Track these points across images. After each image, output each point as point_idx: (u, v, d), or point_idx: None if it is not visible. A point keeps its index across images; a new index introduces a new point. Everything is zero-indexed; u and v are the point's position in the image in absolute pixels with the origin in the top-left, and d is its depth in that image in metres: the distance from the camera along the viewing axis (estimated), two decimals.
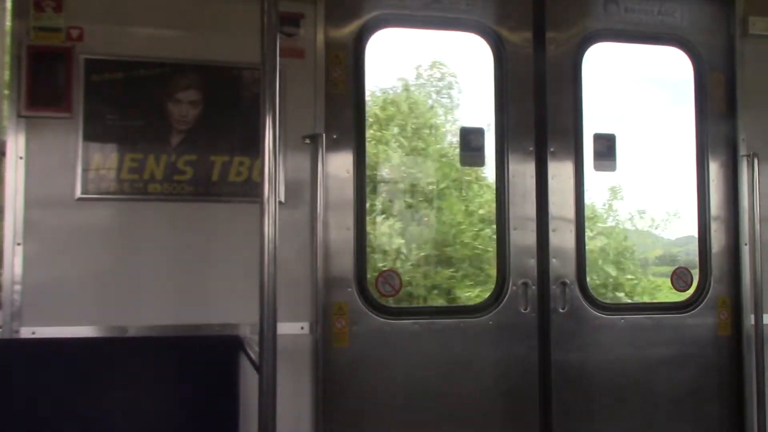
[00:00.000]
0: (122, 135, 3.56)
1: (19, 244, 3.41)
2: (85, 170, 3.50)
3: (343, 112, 3.88)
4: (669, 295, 4.49)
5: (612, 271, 5.25)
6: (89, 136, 3.52)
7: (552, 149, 4.16)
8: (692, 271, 4.37)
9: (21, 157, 3.43)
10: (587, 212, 4.32)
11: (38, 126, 3.47)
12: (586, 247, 4.21)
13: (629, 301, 5.17)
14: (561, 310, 4.10)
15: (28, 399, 3.34)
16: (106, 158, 3.54)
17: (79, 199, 3.50)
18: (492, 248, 4.23)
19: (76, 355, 3.42)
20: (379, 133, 4.87)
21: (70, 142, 3.50)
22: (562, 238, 4.14)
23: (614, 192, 5.12)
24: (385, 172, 4.82)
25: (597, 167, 4.29)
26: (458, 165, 4.58)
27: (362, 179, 3.92)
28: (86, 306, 3.48)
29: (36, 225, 3.44)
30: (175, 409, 3.50)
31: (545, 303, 4.10)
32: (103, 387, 3.43)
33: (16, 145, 3.44)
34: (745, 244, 4.28)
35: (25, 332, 3.39)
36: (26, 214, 3.42)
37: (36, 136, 3.46)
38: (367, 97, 4.05)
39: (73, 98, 3.50)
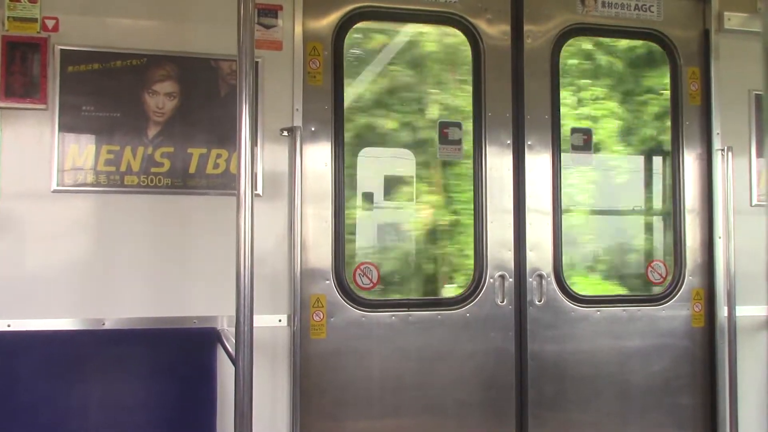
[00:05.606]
0: (98, 127, 3.53)
1: None
2: (60, 162, 3.48)
3: (321, 105, 3.88)
4: None
5: None
6: (65, 128, 3.49)
7: (529, 142, 4.18)
8: None
9: None
10: None
11: (13, 117, 3.43)
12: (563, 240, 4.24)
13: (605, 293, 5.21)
14: (537, 303, 4.14)
15: (3, 392, 3.32)
16: (82, 150, 3.51)
17: (55, 191, 3.47)
18: None
19: (53, 348, 3.40)
20: None
21: (46, 133, 3.47)
22: (538, 230, 4.17)
23: None
24: None
25: (574, 160, 4.33)
26: None
27: (340, 171, 3.92)
28: (62, 299, 3.46)
29: (11, 217, 3.41)
30: (152, 401, 3.50)
31: (522, 295, 4.12)
32: (80, 380, 3.42)
33: None
34: (719, 237, 4.33)
35: (0, 325, 3.37)
36: (1, 206, 3.39)
37: (11, 128, 3.43)
38: None
39: (48, 89, 3.47)
